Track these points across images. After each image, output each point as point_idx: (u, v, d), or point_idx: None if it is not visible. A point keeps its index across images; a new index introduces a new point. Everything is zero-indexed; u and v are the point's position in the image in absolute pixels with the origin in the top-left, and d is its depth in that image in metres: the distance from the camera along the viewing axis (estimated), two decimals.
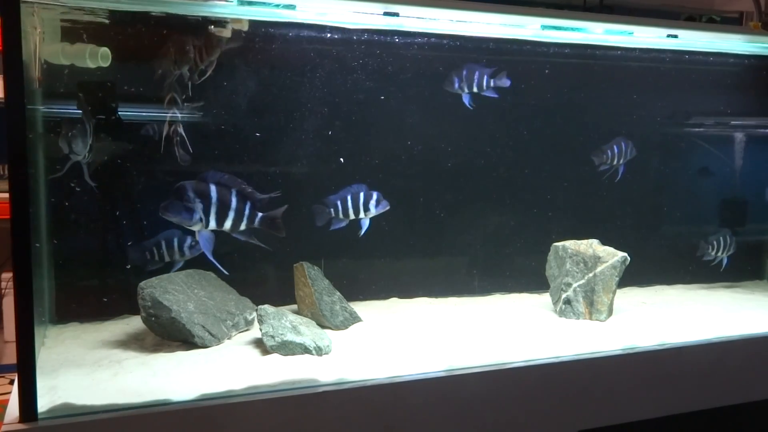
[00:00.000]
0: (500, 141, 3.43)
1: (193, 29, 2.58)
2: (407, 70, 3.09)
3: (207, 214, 2.15)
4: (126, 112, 2.74)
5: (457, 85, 2.71)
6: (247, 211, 2.21)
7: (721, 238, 3.41)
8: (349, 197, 2.91)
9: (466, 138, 3.34)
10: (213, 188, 2.16)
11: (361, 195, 2.92)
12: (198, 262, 2.40)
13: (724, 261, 3.42)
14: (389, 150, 3.16)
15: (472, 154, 3.37)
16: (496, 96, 2.82)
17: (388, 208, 2.97)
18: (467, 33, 3.00)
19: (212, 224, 2.18)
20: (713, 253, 3.37)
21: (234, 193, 2.19)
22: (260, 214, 2.26)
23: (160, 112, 2.76)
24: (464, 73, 2.75)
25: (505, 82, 2.85)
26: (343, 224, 2.83)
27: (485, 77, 2.78)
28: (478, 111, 3.32)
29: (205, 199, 2.15)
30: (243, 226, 2.23)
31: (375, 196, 2.96)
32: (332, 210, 2.87)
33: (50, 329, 2.63)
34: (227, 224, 2.20)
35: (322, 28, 2.86)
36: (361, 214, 2.96)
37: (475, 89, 2.75)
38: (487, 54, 3.19)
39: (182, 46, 2.52)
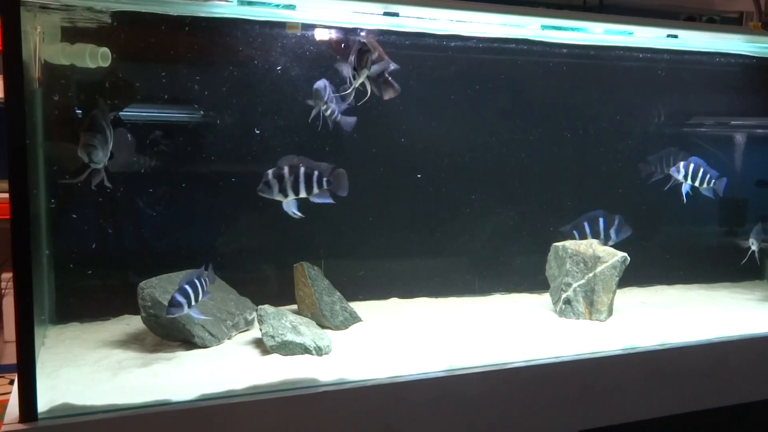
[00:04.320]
0: (501, 140, 3.42)
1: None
2: (407, 70, 3.09)
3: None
4: (129, 112, 2.76)
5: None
6: None
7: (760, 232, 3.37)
8: (586, 224, 2.90)
9: (466, 137, 3.34)
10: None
11: (600, 221, 2.90)
12: (197, 262, 2.40)
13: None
14: (389, 149, 3.16)
15: (473, 153, 3.36)
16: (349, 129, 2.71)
17: (631, 232, 2.94)
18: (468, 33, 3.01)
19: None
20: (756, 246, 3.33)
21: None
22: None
23: (168, 112, 2.79)
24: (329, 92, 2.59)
25: (349, 124, 2.69)
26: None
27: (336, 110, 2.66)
28: (478, 110, 3.33)
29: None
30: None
31: (617, 220, 2.93)
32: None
33: (50, 329, 2.63)
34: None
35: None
36: (601, 241, 2.97)
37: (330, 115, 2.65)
38: (481, 53, 3.20)
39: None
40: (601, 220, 2.99)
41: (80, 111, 2.64)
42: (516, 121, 3.44)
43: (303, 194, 2.44)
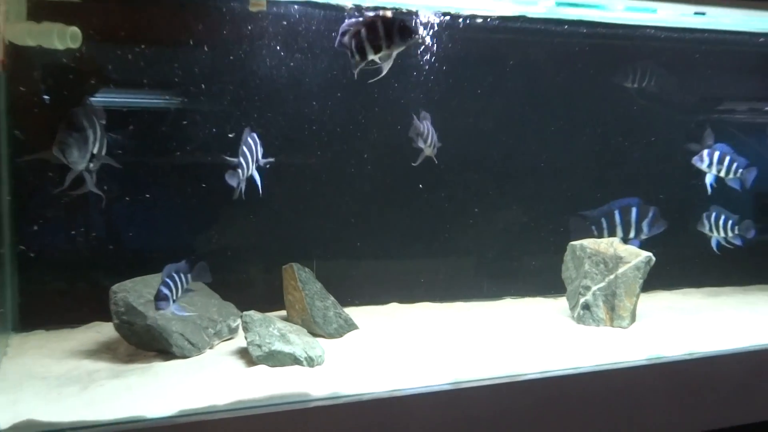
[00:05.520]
0: (511, 130, 3.42)
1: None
2: (405, 67, 3.09)
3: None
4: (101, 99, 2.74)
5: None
6: None
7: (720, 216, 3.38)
8: (617, 212, 2.85)
9: (472, 129, 3.34)
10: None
11: (633, 211, 2.87)
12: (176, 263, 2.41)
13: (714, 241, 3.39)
14: (389, 143, 3.16)
15: (479, 145, 3.36)
16: None
17: (665, 228, 2.92)
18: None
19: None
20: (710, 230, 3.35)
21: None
22: None
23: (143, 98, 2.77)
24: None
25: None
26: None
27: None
28: (485, 100, 3.32)
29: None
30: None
31: (651, 212, 2.88)
32: (594, 228, 2.78)
33: (13, 337, 2.63)
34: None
35: None
36: (632, 235, 2.89)
37: None
38: (483, 43, 3.19)
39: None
40: (633, 210, 2.97)
41: (48, 97, 2.63)
42: (527, 111, 3.43)
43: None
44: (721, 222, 3.35)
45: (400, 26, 2.24)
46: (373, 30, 2.23)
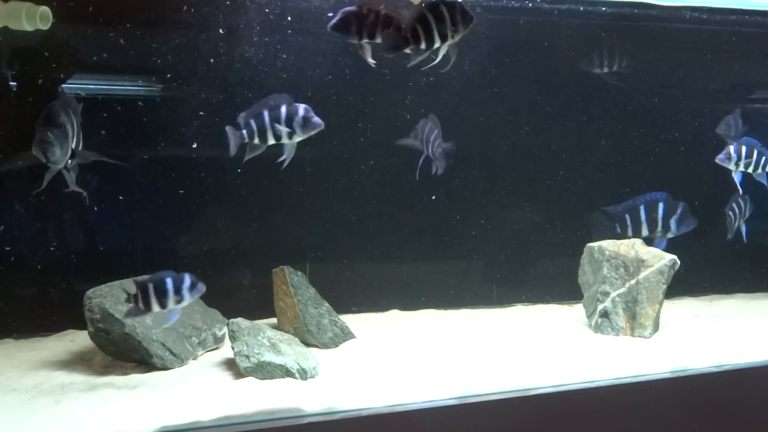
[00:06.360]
0: (522, 121, 3.42)
1: None
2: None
3: None
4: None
5: None
6: None
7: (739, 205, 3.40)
8: (642, 209, 2.89)
9: (480, 121, 3.34)
10: None
11: (660, 207, 2.91)
12: (155, 267, 2.40)
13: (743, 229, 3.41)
14: (389, 137, 3.16)
15: (487, 141, 3.36)
16: None
17: (695, 225, 2.96)
18: None
19: None
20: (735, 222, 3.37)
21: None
22: None
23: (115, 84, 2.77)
24: None
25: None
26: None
27: None
28: (494, 90, 3.31)
29: None
30: None
31: (680, 208, 2.91)
32: (618, 225, 2.83)
33: None
34: None
35: None
36: (658, 233, 2.92)
37: None
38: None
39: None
40: (660, 205, 2.98)
41: (15, 83, 2.63)
42: (540, 100, 3.43)
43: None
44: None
45: (462, 11, 2.23)
46: (439, 16, 2.21)
